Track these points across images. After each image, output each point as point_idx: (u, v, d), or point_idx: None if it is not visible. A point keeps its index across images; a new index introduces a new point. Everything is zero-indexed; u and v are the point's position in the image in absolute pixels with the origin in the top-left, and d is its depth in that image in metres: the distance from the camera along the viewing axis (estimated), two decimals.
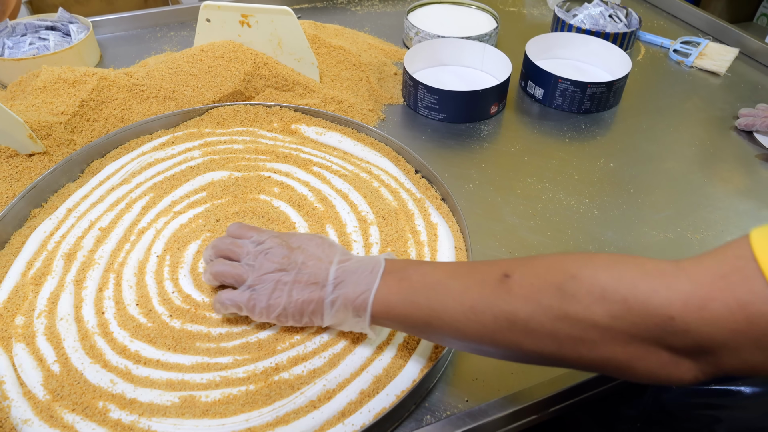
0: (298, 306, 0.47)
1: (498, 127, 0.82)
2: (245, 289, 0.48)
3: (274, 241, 0.49)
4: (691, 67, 1.01)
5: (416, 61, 0.90)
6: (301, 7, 1.12)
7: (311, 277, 0.46)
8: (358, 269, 0.46)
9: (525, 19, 1.13)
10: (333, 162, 0.70)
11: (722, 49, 1.05)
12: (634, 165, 0.77)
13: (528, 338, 0.38)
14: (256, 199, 0.64)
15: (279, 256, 0.48)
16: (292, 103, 0.79)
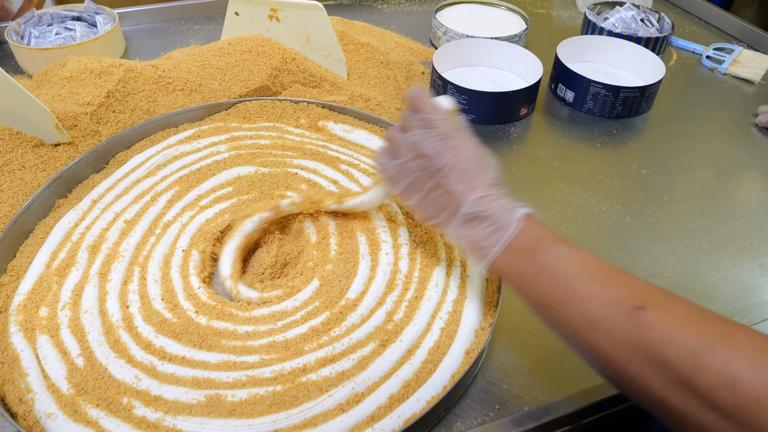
0: (427, 214, 0.47)
1: (527, 130, 0.81)
2: (393, 161, 0.49)
3: (433, 132, 0.46)
4: (724, 74, 0.99)
5: (445, 61, 0.88)
6: (327, 4, 1.11)
7: (446, 197, 0.45)
8: (492, 216, 0.43)
9: (554, 21, 1.11)
10: (361, 160, 0.69)
11: (756, 56, 1.03)
12: (667, 172, 0.75)
13: (638, 381, 0.37)
14: (283, 196, 0.63)
15: (430, 149, 0.46)
16: (319, 100, 0.78)
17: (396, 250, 0.58)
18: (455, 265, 0.58)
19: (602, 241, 0.65)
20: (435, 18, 0.96)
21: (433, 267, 0.57)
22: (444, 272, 0.57)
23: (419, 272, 0.57)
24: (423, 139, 0.47)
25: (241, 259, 0.57)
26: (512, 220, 0.43)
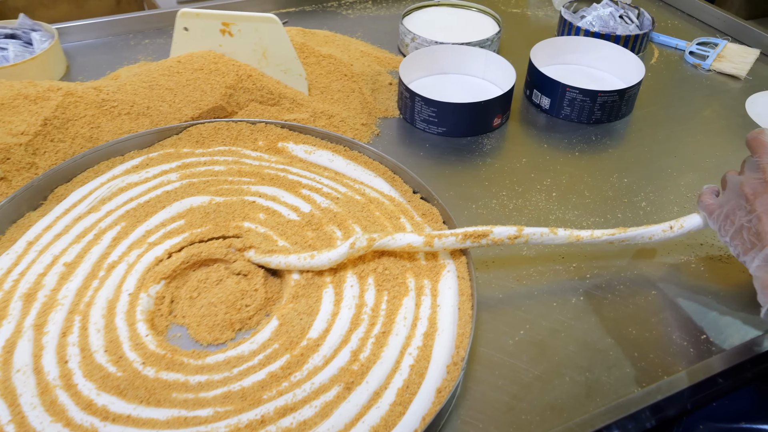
0: (738, 250, 0.54)
1: (502, 141, 0.81)
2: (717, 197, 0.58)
3: (758, 175, 0.53)
4: (708, 70, 1.00)
5: (413, 70, 0.88)
6: (288, 11, 1.10)
7: (755, 237, 0.51)
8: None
9: (529, 21, 1.12)
10: (324, 183, 0.68)
11: (742, 50, 1.04)
12: (650, 180, 0.75)
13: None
14: (239, 227, 0.62)
15: (749, 190, 0.52)
16: (278, 119, 0.77)
17: (362, 281, 0.58)
18: (425, 294, 0.57)
19: (582, 258, 0.64)
20: (402, 24, 0.96)
21: (402, 297, 0.57)
22: (413, 303, 0.57)
23: (387, 304, 0.56)
24: (746, 180, 0.53)
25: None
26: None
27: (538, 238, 0.59)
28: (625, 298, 0.61)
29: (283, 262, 0.58)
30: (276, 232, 0.62)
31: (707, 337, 0.57)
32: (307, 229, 0.62)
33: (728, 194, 0.56)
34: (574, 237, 0.60)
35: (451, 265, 0.60)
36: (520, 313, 0.59)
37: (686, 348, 0.56)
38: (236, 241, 0.61)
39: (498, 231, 0.59)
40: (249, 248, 0.60)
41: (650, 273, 0.63)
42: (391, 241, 0.58)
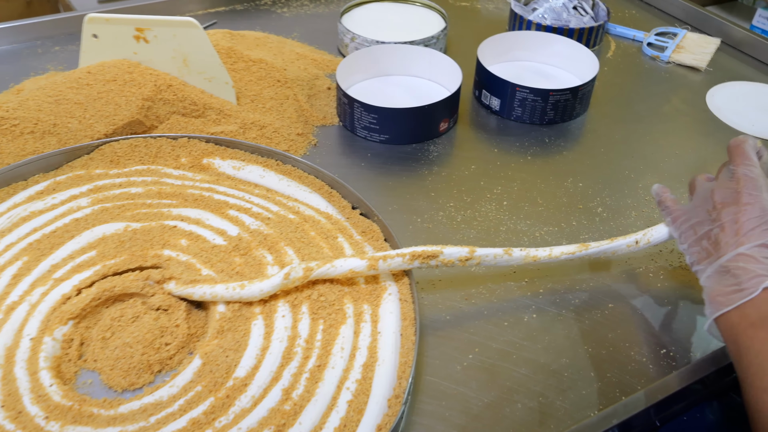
0: (693, 258, 0.55)
1: (450, 147, 0.81)
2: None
3: (731, 184, 0.54)
4: (668, 62, 1.02)
5: (353, 73, 0.88)
6: (217, 11, 1.09)
7: (713, 246, 0.53)
8: (741, 276, 0.50)
9: (479, 16, 1.13)
10: (254, 202, 0.67)
11: (702, 39, 1.07)
12: (606, 183, 0.77)
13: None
14: (158, 256, 0.61)
15: (719, 198, 0.54)
16: (203, 132, 0.76)
17: (295, 310, 0.57)
18: (365, 321, 0.57)
19: (536, 272, 0.65)
20: (340, 23, 0.96)
21: (339, 326, 0.56)
22: (352, 331, 0.56)
23: (323, 334, 0.56)
24: (718, 188, 0.55)
25: None
26: (758, 287, 0.48)
27: (491, 260, 0.60)
28: (581, 313, 0.61)
29: (209, 293, 0.57)
30: (200, 260, 0.61)
31: (667, 351, 0.58)
32: (234, 255, 0.61)
33: (696, 201, 0.57)
34: (531, 258, 0.61)
35: (393, 287, 0.60)
36: (468, 336, 0.59)
37: (645, 365, 0.57)
38: (155, 272, 0.59)
39: (449, 252, 0.58)
40: (169, 279, 0.59)
41: (607, 285, 0.64)
42: (331, 269, 0.58)
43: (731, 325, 0.49)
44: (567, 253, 0.61)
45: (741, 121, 0.89)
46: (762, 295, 0.48)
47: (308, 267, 0.57)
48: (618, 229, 0.70)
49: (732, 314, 0.49)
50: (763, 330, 0.46)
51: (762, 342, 0.46)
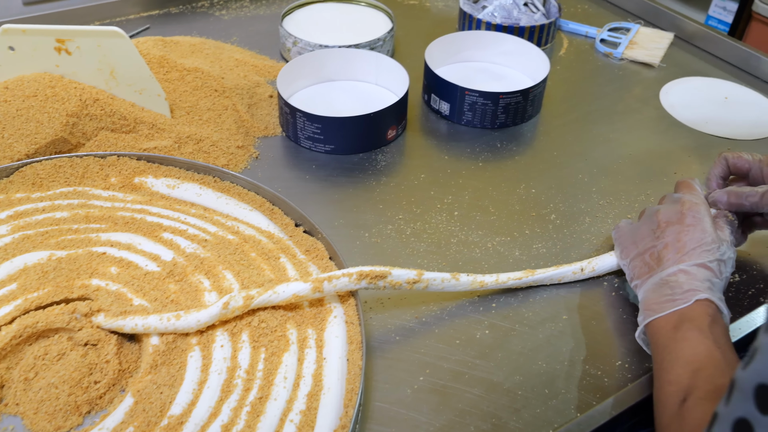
0: (634, 273, 0.60)
1: (398, 155, 0.81)
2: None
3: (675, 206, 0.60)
4: (621, 59, 1.04)
5: (295, 79, 0.87)
6: (150, 15, 1.07)
7: (655, 260, 0.58)
8: (676, 288, 0.54)
9: (429, 14, 1.13)
10: (190, 224, 0.66)
11: (655, 34, 1.09)
12: (560, 188, 0.78)
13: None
14: (86, 286, 0.59)
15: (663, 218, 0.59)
16: (135, 149, 0.75)
17: (234, 339, 0.56)
18: (309, 347, 0.57)
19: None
20: (281, 26, 0.95)
21: (282, 353, 0.56)
22: (296, 358, 0.56)
23: (264, 363, 0.55)
24: (663, 210, 0.60)
25: None
26: (691, 299, 0.53)
27: (438, 284, 0.61)
28: (534, 327, 0.62)
29: (141, 325, 0.56)
30: (131, 289, 0.59)
31: (622, 363, 0.59)
32: (168, 282, 0.60)
33: (642, 220, 0.63)
34: (478, 283, 0.62)
35: (338, 309, 0.59)
36: (419, 357, 0.59)
37: (600, 378, 0.58)
38: (82, 304, 0.57)
39: (397, 273, 0.59)
40: (98, 312, 0.57)
41: (561, 296, 0.65)
42: (273, 296, 0.57)
43: (658, 329, 0.54)
44: (514, 279, 0.64)
45: (694, 117, 0.91)
46: (692, 305, 0.52)
47: (248, 295, 0.56)
48: (572, 236, 0.71)
49: (660, 320, 0.54)
50: (681, 331, 0.52)
51: (676, 340, 0.51)
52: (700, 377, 0.48)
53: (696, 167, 0.82)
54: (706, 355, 0.50)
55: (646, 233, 0.60)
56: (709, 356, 0.49)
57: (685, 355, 0.50)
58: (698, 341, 0.50)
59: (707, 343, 0.50)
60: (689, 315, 0.52)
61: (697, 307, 0.53)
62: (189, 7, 1.10)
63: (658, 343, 0.53)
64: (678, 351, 0.51)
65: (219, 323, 0.57)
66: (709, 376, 0.48)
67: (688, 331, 0.51)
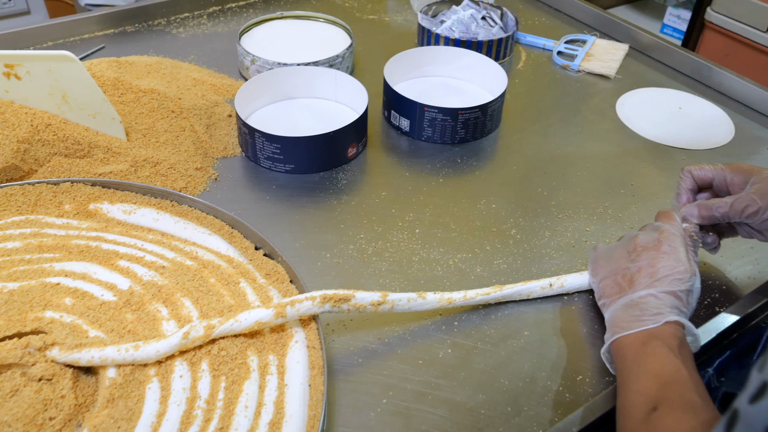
0: (603, 291, 0.61)
1: (359, 173, 0.81)
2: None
3: (654, 233, 0.61)
4: (578, 71, 1.06)
5: (254, 98, 0.87)
6: (105, 34, 1.06)
7: (626, 282, 0.59)
8: (646, 310, 0.56)
9: (388, 29, 1.14)
10: (147, 250, 0.65)
11: (610, 46, 1.11)
12: (519, 203, 0.78)
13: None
14: (39, 319, 0.57)
15: (640, 242, 0.61)
16: (90, 174, 0.73)
17: (194, 368, 0.55)
18: (270, 373, 0.56)
19: None
20: (239, 45, 0.95)
21: (243, 382, 0.55)
22: (257, 386, 0.55)
23: (225, 392, 0.54)
24: (642, 236, 0.62)
25: None
26: (660, 321, 0.54)
27: (404, 305, 0.61)
28: (496, 344, 0.62)
29: (97, 358, 0.55)
30: (86, 320, 0.58)
31: (583, 378, 0.60)
32: (125, 311, 0.59)
33: (619, 243, 0.64)
34: (446, 300, 0.63)
35: (299, 334, 0.59)
36: (382, 379, 0.59)
37: (562, 394, 0.58)
38: (35, 338, 0.56)
39: (361, 296, 0.59)
40: (52, 345, 0.56)
41: (523, 313, 0.66)
42: (235, 324, 0.56)
43: (626, 344, 0.55)
44: (482, 295, 0.64)
45: (650, 128, 0.93)
46: (661, 326, 0.53)
47: (209, 325, 0.55)
48: (532, 251, 0.72)
49: (628, 336, 0.55)
50: (650, 347, 0.53)
51: (646, 355, 0.53)
52: (670, 390, 0.49)
53: (653, 178, 0.83)
54: (674, 371, 0.51)
55: (622, 255, 0.61)
56: (677, 373, 0.50)
57: (654, 368, 0.51)
58: (667, 358, 0.51)
59: (676, 361, 0.51)
60: (658, 334, 0.54)
61: (666, 329, 0.54)
62: (145, 25, 1.09)
63: (625, 357, 0.54)
64: (647, 364, 0.52)
65: (178, 352, 0.56)
66: (679, 390, 0.49)
67: (657, 347, 0.52)
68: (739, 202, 0.61)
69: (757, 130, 0.94)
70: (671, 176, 0.84)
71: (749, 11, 1.66)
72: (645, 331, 0.54)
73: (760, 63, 1.68)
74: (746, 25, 1.68)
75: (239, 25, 1.10)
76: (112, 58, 0.89)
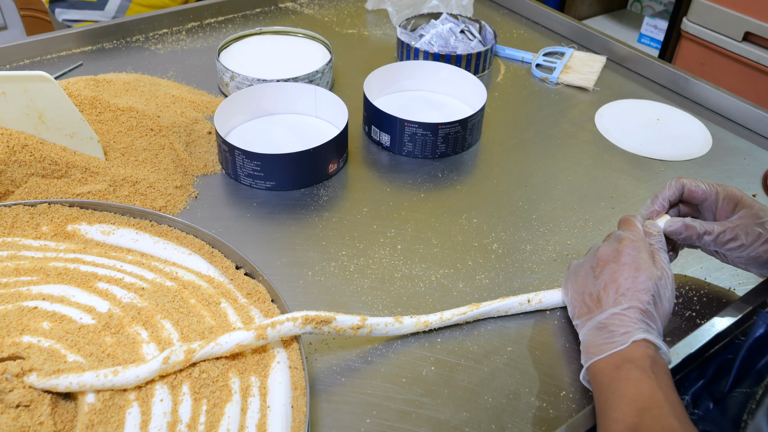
0: (575, 311, 0.61)
1: (340, 189, 0.81)
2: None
3: (614, 244, 0.61)
4: (556, 83, 1.07)
5: (233, 115, 0.87)
6: (83, 51, 1.05)
7: (594, 302, 0.59)
8: (615, 331, 0.56)
9: (368, 43, 1.14)
10: (126, 271, 0.64)
11: (588, 58, 1.13)
12: (501, 216, 0.79)
13: None
14: (16, 344, 0.57)
15: (602, 255, 0.61)
16: (68, 194, 0.73)
17: (175, 391, 0.55)
18: (252, 395, 0.56)
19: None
20: (218, 61, 0.94)
21: (225, 404, 0.54)
22: (239, 408, 0.54)
23: (206, 416, 0.53)
24: (603, 247, 0.62)
25: None
26: (628, 341, 0.54)
27: (382, 328, 0.61)
28: (479, 360, 0.62)
29: (76, 383, 0.54)
30: (65, 345, 0.57)
31: (566, 393, 0.60)
32: (104, 335, 0.58)
33: (585, 257, 0.64)
34: (422, 324, 0.63)
35: (281, 354, 0.58)
36: (365, 398, 0.58)
37: (545, 410, 0.58)
38: (12, 364, 0.55)
39: (341, 319, 0.59)
40: (29, 371, 0.55)
41: (505, 328, 0.66)
42: (216, 347, 0.56)
43: (599, 369, 0.55)
44: (458, 315, 0.64)
45: (628, 140, 0.94)
46: (630, 346, 0.54)
47: (190, 349, 0.55)
48: (514, 265, 0.72)
49: (601, 361, 0.55)
50: (623, 371, 0.53)
51: (619, 380, 0.53)
52: (647, 416, 0.49)
53: (632, 190, 0.84)
54: (650, 395, 0.51)
55: (587, 271, 0.62)
56: (653, 396, 0.51)
57: (629, 393, 0.51)
58: (641, 381, 0.52)
59: (650, 383, 0.51)
60: (630, 356, 0.54)
61: (636, 348, 0.54)
62: (123, 41, 1.08)
63: (600, 383, 0.54)
64: (622, 390, 0.52)
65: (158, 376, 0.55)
66: (656, 416, 0.49)
67: (630, 371, 0.53)
68: (726, 235, 0.62)
69: (733, 140, 0.96)
70: (651, 188, 0.85)
71: (724, 21, 1.69)
72: (616, 353, 0.54)
73: (736, 72, 1.71)
74: (722, 35, 1.71)
75: (218, 40, 1.10)
76: (90, 77, 0.89)
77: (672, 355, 0.61)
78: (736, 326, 0.65)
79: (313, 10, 1.24)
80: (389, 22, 1.20)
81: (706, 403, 0.62)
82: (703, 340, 0.62)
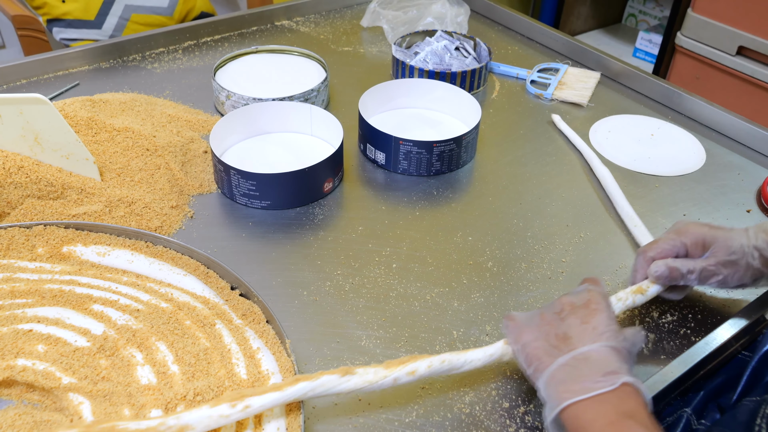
0: (534, 353, 0.55)
1: (336, 208, 0.81)
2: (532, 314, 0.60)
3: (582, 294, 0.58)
4: (551, 100, 1.07)
5: (229, 134, 0.87)
6: (80, 71, 1.06)
7: (562, 341, 0.55)
8: (594, 367, 0.51)
9: (363, 61, 1.15)
10: (121, 293, 0.65)
11: (582, 74, 1.13)
12: (495, 234, 0.79)
13: None
14: (11, 368, 0.57)
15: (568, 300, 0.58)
16: (64, 215, 0.73)
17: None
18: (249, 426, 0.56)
19: (425, 339, 0.66)
20: (214, 80, 0.95)
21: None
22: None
23: None
24: (568, 296, 0.59)
25: None
26: (615, 382, 0.50)
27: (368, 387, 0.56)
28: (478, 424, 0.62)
29: None
30: (59, 367, 0.57)
31: None
32: (99, 357, 0.59)
33: (544, 307, 0.60)
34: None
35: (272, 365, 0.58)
36: None
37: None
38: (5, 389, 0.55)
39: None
40: None
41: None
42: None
43: (586, 422, 0.49)
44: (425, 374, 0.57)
45: (622, 155, 0.94)
46: (618, 391, 0.49)
47: None
48: (509, 283, 0.72)
49: (588, 411, 0.49)
50: (622, 427, 0.47)
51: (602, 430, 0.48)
52: None
53: None
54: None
55: (550, 317, 0.57)
56: None
57: None
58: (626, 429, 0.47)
59: (637, 428, 0.47)
60: (625, 408, 0.49)
61: (627, 399, 0.50)
62: (120, 61, 1.09)
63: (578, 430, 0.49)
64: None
65: None
66: None
67: (632, 428, 0.47)
68: (707, 272, 0.63)
69: (727, 156, 0.96)
70: (645, 203, 0.85)
71: (718, 36, 1.70)
72: (606, 405, 0.49)
73: (730, 86, 1.72)
74: (716, 49, 1.72)
75: (214, 59, 1.11)
76: (86, 97, 0.89)
77: (667, 374, 0.61)
78: (735, 340, 0.65)
79: (309, 27, 1.25)
80: (384, 40, 1.21)
81: (713, 414, 0.61)
82: (698, 357, 0.62)
